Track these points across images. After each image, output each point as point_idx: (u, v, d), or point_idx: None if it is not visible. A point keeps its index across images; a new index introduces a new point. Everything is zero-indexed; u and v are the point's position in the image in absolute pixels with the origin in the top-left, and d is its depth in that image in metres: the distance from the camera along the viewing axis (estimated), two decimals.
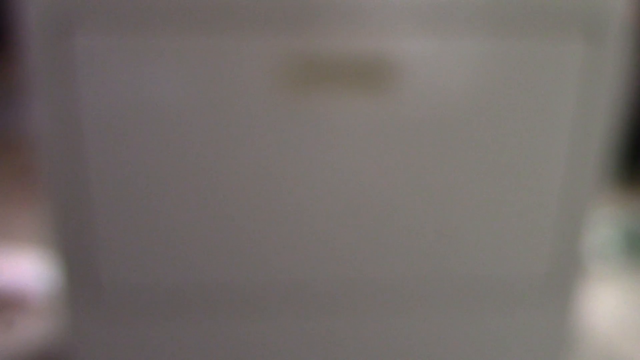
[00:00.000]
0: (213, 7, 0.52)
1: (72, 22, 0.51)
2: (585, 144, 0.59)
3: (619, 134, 0.61)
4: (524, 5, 0.54)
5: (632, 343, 0.86)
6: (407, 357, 0.66)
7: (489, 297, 0.64)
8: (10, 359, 0.77)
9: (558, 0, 0.54)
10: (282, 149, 0.57)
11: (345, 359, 0.65)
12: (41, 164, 0.55)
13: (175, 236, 0.58)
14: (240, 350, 0.64)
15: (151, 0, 0.51)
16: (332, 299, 0.63)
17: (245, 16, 0.53)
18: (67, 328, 0.60)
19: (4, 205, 1.34)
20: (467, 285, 0.63)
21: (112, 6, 0.51)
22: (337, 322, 0.64)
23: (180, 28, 0.53)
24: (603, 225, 1.22)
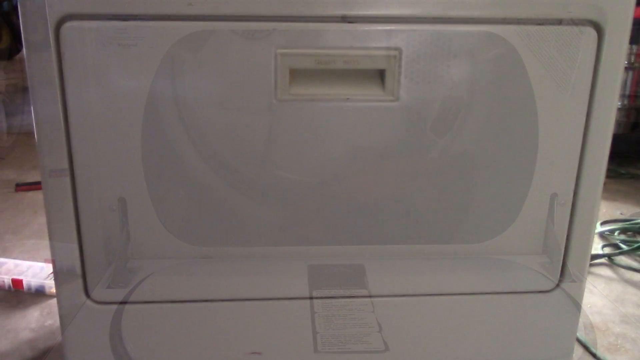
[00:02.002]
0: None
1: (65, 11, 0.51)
2: (596, 138, 0.58)
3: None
4: None
5: (632, 339, 0.84)
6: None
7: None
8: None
9: None
10: (281, 149, 0.56)
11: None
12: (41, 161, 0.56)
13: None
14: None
15: None
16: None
17: (244, 8, 0.52)
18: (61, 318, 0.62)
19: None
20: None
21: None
22: None
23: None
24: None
